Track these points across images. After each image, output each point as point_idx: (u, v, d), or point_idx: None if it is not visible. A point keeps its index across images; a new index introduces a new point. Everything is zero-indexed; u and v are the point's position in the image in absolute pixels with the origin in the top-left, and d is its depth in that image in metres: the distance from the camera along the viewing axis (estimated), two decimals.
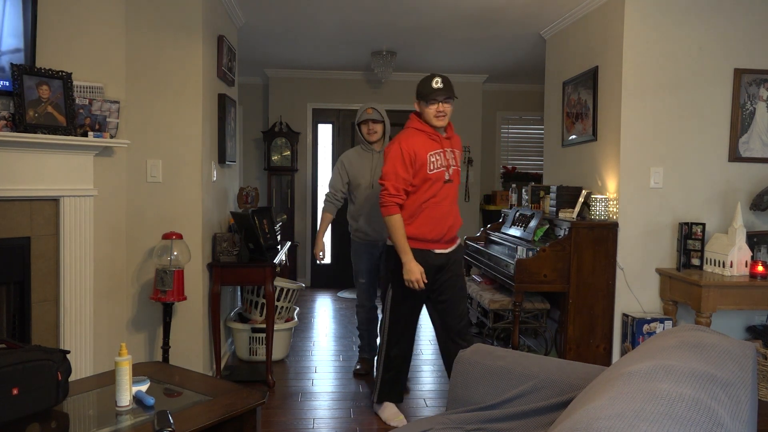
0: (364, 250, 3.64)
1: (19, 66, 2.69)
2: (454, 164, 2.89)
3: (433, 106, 2.77)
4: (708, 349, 1.25)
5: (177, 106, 3.26)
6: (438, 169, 2.81)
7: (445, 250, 2.91)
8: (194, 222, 3.32)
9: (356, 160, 3.59)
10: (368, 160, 3.59)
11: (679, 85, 3.54)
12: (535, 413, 1.76)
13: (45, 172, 2.79)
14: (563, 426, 0.99)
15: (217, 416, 1.95)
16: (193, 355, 3.36)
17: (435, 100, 2.76)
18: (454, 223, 2.91)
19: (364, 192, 3.56)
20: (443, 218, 2.86)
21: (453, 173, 2.89)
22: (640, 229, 3.56)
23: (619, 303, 3.56)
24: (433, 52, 5.50)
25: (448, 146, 2.89)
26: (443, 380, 3.67)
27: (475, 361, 1.98)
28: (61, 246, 2.90)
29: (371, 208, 3.51)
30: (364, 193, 3.56)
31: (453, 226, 2.90)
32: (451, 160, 2.88)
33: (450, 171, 2.86)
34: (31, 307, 2.83)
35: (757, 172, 3.63)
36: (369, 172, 3.56)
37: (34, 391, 1.87)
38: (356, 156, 3.62)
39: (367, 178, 3.56)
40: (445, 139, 2.88)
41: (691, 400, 0.97)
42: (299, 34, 4.86)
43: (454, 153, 2.91)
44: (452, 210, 2.89)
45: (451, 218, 2.89)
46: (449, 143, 2.90)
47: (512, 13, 4.19)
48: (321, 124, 6.71)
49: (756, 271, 3.24)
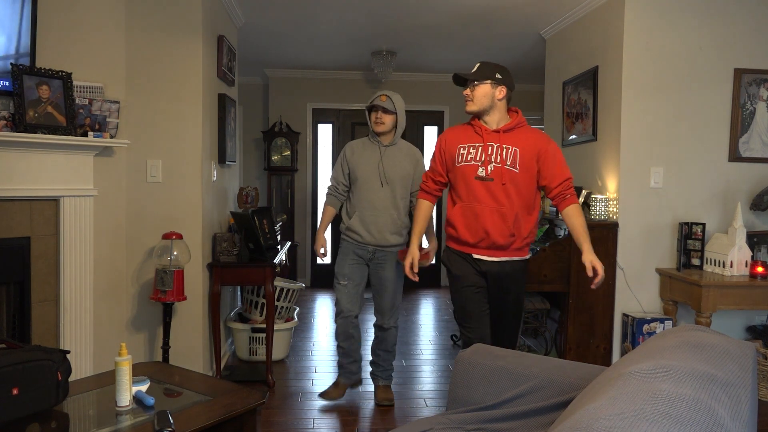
0: (351, 251, 3.22)
1: (19, 66, 2.69)
2: (498, 162, 2.50)
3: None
4: (708, 349, 1.25)
5: (177, 106, 3.26)
6: (467, 163, 2.54)
7: (486, 258, 2.57)
8: (194, 222, 3.31)
9: (360, 151, 3.20)
10: (373, 152, 3.17)
11: (679, 85, 3.54)
12: (535, 413, 1.75)
13: (45, 172, 2.79)
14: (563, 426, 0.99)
15: (217, 416, 1.95)
16: (193, 355, 3.36)
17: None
18: (492, 230, 2.51)
19: (362, 187, 3.14)
20: (476, 219, 2.53)
21: (494, 171, 2.49)
22: (640, 229, 3.56)
23: (619, 303, 3.56)
24: (433, 52, 5.50)
25: (496, 141, 2.51)
26: (443, 380, 3.67)
27: (475, 361, 1.98)
28: (61, 246, 2.90)
29: (368, 208, 3.14)
30: (363, 188, 3.14)
31: (491, 232, 2.51)
32: (496, 157, 2.50)
33: (489, 168, 2.50)
34: (31, 307, 2.83)
35: (757, 172, 3.63)
36: (373, 166, 3.14)
37: (34, 391, 1.87)
38: (361, 146, 3.22)
39: (369, 173, 3.14)
40: (492, 133, 2.53)
41: (691, 400, 0.97)
42: (299, 34, 4.86)
43: (506, 150, 2.50)
44: (492, 213, 2.50)
45: (488, 222, 2.50)
46: (498, 138, 2.52)
47: (512, 13, 4.19)
48: (321, 124, 6.71)
49: (756, 271, 3.25)
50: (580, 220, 2.51)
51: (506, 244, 2.54)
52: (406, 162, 3.17)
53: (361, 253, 3.21)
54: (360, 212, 3.16)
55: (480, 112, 2.55)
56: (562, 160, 2.55)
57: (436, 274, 6.91)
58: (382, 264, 3.20)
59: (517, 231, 2.53)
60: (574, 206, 2.53)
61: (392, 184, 3.13)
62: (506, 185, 2.48)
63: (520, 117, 2.59)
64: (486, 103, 2.53)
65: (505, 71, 2.57)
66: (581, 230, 2.48)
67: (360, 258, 3.21)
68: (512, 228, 2.51)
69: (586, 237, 2.48)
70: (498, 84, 2.52)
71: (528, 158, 2.50)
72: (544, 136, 2.57)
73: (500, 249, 2.56)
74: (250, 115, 6.79)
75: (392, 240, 3.17)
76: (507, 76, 2.56)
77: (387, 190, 3.13)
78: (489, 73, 2.52)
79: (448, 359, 4.11)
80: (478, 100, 2.53)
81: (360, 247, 3.20)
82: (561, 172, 2.53)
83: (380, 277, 3.21)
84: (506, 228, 2.50)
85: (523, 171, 2.50)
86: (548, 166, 2.52)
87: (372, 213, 3.14)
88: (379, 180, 3.14)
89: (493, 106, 2.54)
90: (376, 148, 3.18)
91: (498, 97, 2.53)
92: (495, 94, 2.52)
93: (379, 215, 3.13)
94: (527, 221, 2.56)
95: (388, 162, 3.14)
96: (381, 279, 3.21)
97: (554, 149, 2.54)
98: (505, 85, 2.54)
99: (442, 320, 5.28)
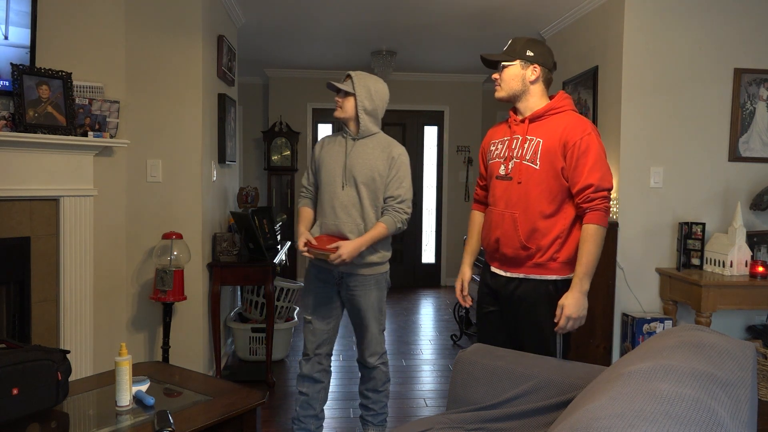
0: (313, 276, 2.57)
1: (19, 66, 2.69)
2: (518, 156, 2.08)
3: None
4: (708, 349, 1.25)
5: (177, 106, 3.26)
6: (493, 160, 2.18)
7: (500, 272, 2.16)
8: (194, 222, 3.31)
9: (328, 146, 2.56)
10: (341, 147, 2.51)
11: (679, 85, 3.54)
12: (535, 413, 1.75)
13: (45, 172, 2.79)
14: (563, 426, 0.99)
15: (217, 416, 1.95)
16: (193, 355, 3.36)
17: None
18: (502, 238, 2.10)
19: (325, 189, 2.49)
20: (489, 225, 2.17)
21: (514, 168, 2.08)
22: (640, 229, 3.56)
23: (619, 303, 3.55)
24: (433, 52, 5.50)
25: (522, 132, 2.10)
26: (443, 380, 3.67)
27: (475, 361, 1.98)
28: (61, 246, 2.90)
29: (330, 216, 2.47)
30: (326, 191, 2.49)
31: (501, 241, 2.11)
32: (518, 151, 2.09)
33: (510, 165, 2.10)
34: (31, 307, 2.83)
35: (757, 171, 3.62)
36: (338, 164, 2.48)
37: (34, 391, 1.87)
38: (331, 141, 2.57)
39: (332, 172, 2.48)
40: (519, 123, 2.13)
41: (691, 400, 0.97)
42: (299, 34, 4.86)
43: (528, 142, 2.07)
44: (503, 218, 2.10)
45: (498, 229, 2.11)
46: (524, 128, 2.10)
47: (512, 12, 4.19)
48: (321, 124, 6.71)
49: (756, 270, 3.24)
50: (584, 248, 2.00)
51: (517, 258, 2.09)
52: (376, 158, 2.45)
53: (324, 278, 2.53)
54: (321, 221, 2.51)
55: (510, 98, 2.14)
56: (590, 160, 2.00)
57: (436, 274, 6.91)
58: (355, 291, 2.49)
59: (532, 242, 2.05)
60: (588, 227, 2.00)
61: (357, 186, 2.43)
62: (522, 184, 2.06)
63: (556, 101, 2.10)
64: (515, 87, 2.11)
65: (539, 46, 2.11)
66: (579, 260, 2.01)
67: (325, 283, 2.53)
68: (523, 238, 2.05)
69: (579, 270, 2.00)
70: (529, 63, 2.09)
71: (552, 151, 2.03)
72: (580, 125, 2.03)
73: (513, 263, 2.12)
74: (250, 115, 6.79)
75: (361, 259, 2.44)
76: (541, 52, 2.10)
77: (351, 192, 2.44)
78: (518, 50, 2.10)
79: (448, 359, 4.11)
80: (506, 84, 2.12)
81: (322, 271, 2.52)
82: (583, 174, 1.99)
83: (355, 308, 2.52)
84: (515, 237, 2.07)
85: (546, 167, 2.03)
86: (570, 165, 2.02)
87: (334, 222, 2.45)
88: (341, 180, 2.46)
89: (525, 90, 2.11)
90: (344, 142, 2.52)
91: (530, 79, 2.10)
92: (526, 76, 2.09)
93: (343, 224, 2.43)
94: (550, 231, 2.05)
95: (354, 158, 2.46)
96: (357, 311, 2.52)
97: (586, 144, 2.00)
98: (538, 64, 2.09)
99: (442, 320, 5.28)
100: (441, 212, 6.85)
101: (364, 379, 2.65)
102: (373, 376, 2.61)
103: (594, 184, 1.99)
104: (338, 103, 2.48)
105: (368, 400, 2.64)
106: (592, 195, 1.99)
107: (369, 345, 2.57)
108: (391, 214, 2.45)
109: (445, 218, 6.83)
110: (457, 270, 3.18)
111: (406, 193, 2.48)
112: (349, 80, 2.47)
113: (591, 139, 2.01)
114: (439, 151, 6.81)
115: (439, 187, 6.84)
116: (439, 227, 6.89)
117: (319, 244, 2.39)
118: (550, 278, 2.08)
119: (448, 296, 6.27)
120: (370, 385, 2.63)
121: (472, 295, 2.33)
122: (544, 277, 2.08)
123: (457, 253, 6.67)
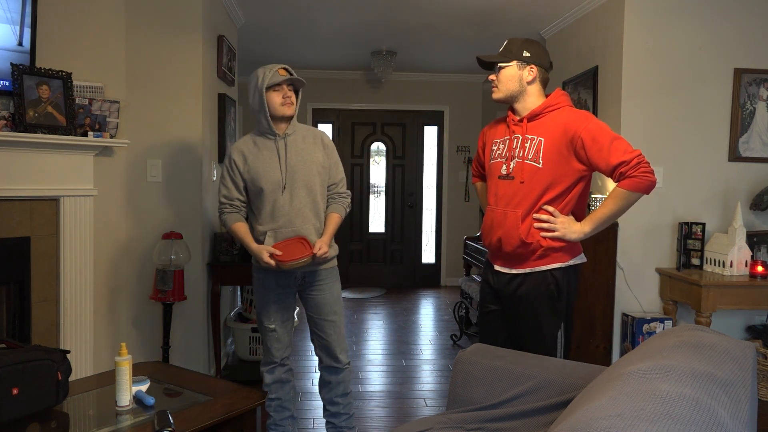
0: (273, 282, 2.46)
1: (19, 66, 2.69)
2: (520, 156, 2.10)
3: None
4: (708, 349, 1.25)
5: (177, 106, 3.26)
6: (494, 160, 2.20)
7: (502, 270, 2.19)
8: (194, 222, 3.32)
9: (254, 154, 2.40)
10: (272, 150, 2.39)
11: (679, 85, 3.54)
12: (535, 413, 1.76)
13: (45, 172, 2.79)
14: (563, 426, 0.99)
15: (217, 416, 1.95)
16: (193, 355, 3.36)
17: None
18: (504, 236, 2.12)
19: (270, 197, 2.38)
20: (490, 225, 2.18)
21: (515, 168, 2.10)
22: (640, 229, 3.56)
23: (619, 303, 3.55)
24: (433, 52, 5.50)
25: (521, 132, 2.12)
26: (443, 380, 3.67)
27: (475, 361, 1.98)
28: (61, 246, 2.90)
29: (285, 223, 2.38)
30: (271, 198, 2.38)
31: (503, 238, 2.12)
32: (519, 151, 2.10)
33: (512, 165, 2.11)
34: (31, 307, 2.83)
35: (757, 171, 3.62)
36: (276, 169, 2.38)
37: (34, 391, 1.87)
38: (253, 148, 2.42)
39: (275, 179, 2.37)
40: (517, 123, 2.15)
41: (691, 400, 0.97)
42: (299, 34, 4.86)
43: (529, 141, 2.08)
44: (504, 216, 2.12)
45: (500, 228, 2.12)
46: (523, 128, 2.12)
47: (512, 13, 4.19)
48: (321, 124, 6.71)
49: (756, 270, 3.24)
50: (605, 202, 2.05)
51: (518, 254, 2.12)
52: (313, 150, 2.43)
53: (286, 282, 2.46)
54: (274, 231, 2.38)
55: (508, 99, 2.16)
56: (607, 141, 1.99)
57: (436, 274, 6.91)
58: (321, 287, 2.47)
59: (531, 237, 2.09)
60: (616, 189, 2.03)
61: (308, 185, 2.39)
62: (525, 183, 2.08)
63: (552, 99, 2.12)
64: (513, 88, 2.13)
65: (534, 46, 2.13)
66: (601, 206, 2.07)
67: (285, 288, 2.48)
68: (523, 235, 2.08)
69: (592, 214, 2.07)
70: (526, 63, 2.11)
71: (555, 149, 2.04)
72: (578, 118, 2.05)
73: (516, 260, 2.14)
74: (250, 115, 6.78)
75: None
76: (538, 52, 2.13)
77: (303, 193, 2.39)
78: (514, 51, 2.12)
79: (448, 359, 4.11)
80: (502, 85, 2.14)
81: (282, 276, 2.44)
82: (609, 155, 1.99)
83: (319, 304, 2.48)
84: (516, 235, 2.09)
85: (550, 165, 2.05)
86: (593, 154, 2.01)
87: (290, 228, 2.38)
88: (288, 185, 2.37)
89: (522, 91, 2.13)
90: (272, 144, 2.40)
91: (527, 80, 2.12)
92: (523, 77, 2.11)
93: (300, 228, 2.37)
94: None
95: (293, 157, 2.39)
96: (321, 306, 2.48)
97: (593, 131, 2.01)
98: (535, 64, 2.11)
99: (442, 320, 5.28)
100: (441, 212, 6.85)
101: (331, 386, 2.55)
102: (342, 379, 2.53)
103: (622, 160, 1.98)
104: (291, 97, 2.38)
105: (338, 407, 2.55)
106: (623, 169, 1.99)
107: (339, 340, 2.52)
108: (338, 201, 2.52)
109: (445, 218, 6.83)
110: (458, 270, 3.10)
111: (342, 173, 2.55)
112: (291, 73, 2.42)
113: (593, 126, 2.03)
114: (439, 151, 6.81)
115: (439, 187, 6.84)
116: (439, 227, 6.89)
117: (286, 253, 2.31)
118: (554, 266, 2.10)
119: (448, 296, 6.27)
120: (339, 390, 2.54)
121: (474, 295, 2.35)
122: (547, 266, 2.10)
123: (457, 254, 6.67)
